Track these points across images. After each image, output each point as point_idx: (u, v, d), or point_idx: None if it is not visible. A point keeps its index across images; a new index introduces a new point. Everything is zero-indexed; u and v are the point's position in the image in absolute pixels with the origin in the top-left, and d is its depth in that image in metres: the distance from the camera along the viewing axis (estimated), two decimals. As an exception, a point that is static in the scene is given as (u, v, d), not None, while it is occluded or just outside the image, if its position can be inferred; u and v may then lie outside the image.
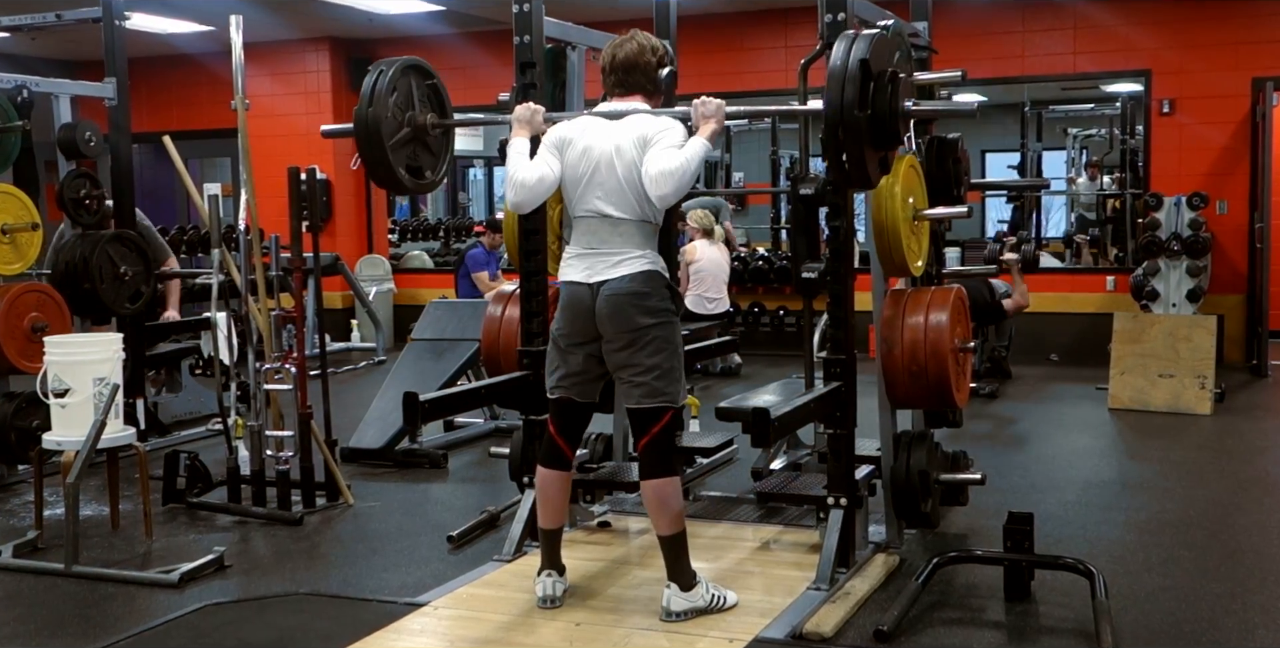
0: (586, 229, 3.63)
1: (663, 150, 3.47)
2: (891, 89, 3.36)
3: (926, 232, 4.40)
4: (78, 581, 4.21)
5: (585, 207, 3.63)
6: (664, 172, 3.42)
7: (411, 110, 4.01)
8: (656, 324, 3.57)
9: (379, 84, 3.88)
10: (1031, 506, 4.39)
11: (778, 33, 9.98)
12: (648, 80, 3.70)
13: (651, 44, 3.73)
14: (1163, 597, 3.94)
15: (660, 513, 3.60)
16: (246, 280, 5.25)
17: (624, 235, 3.59)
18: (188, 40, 10.49)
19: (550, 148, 3.67)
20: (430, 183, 4.13)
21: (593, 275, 3.60)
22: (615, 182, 3.56)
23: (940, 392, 4.18)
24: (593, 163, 3.59)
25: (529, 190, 3.62)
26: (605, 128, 3.62)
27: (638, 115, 3.62)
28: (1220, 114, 9.00)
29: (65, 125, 6.30)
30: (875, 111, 3.34)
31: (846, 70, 3.30)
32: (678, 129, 3.54)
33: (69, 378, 4.54)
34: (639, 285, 3.56)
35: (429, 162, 4.12)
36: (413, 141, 4.02)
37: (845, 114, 3.30)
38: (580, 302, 3.62)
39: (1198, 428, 6.84)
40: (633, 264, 3.57)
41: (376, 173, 3.96)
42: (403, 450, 6.11)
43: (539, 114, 3.78)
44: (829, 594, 3.82)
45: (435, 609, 3.78)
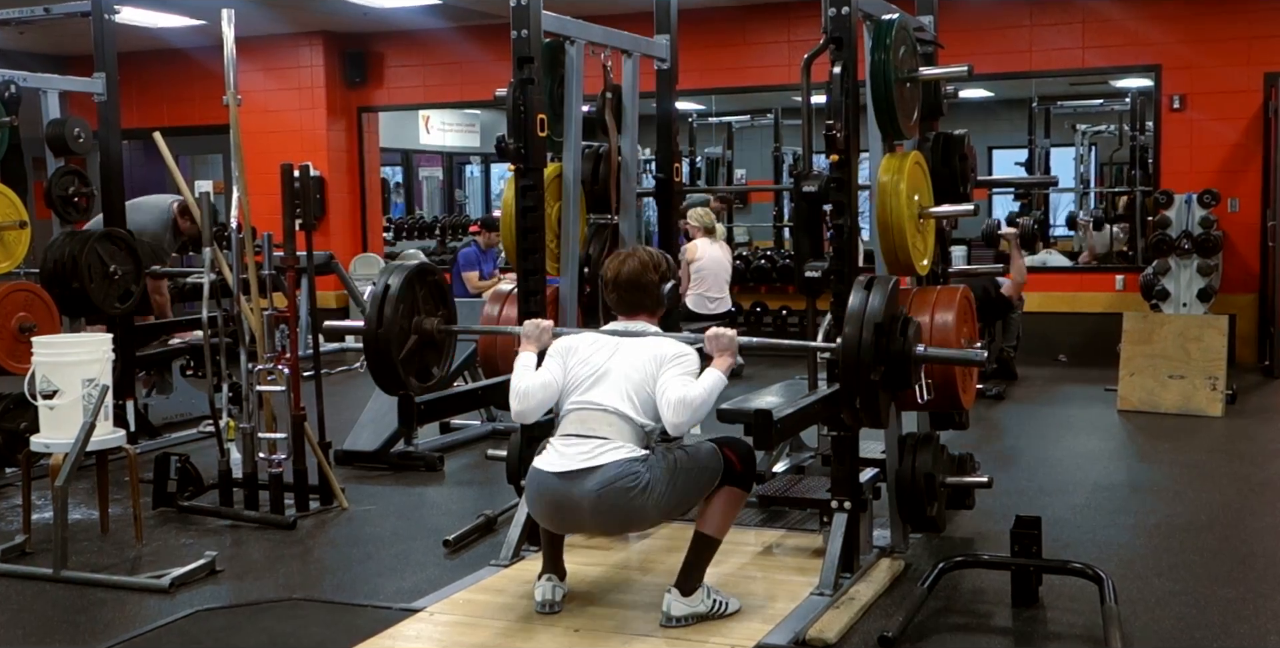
0: (576, 419, 3.58)
1: (680, 377, 3.51)
2: (904, 343, 3.61)
3: (932, 230, 4.41)
4: (66, 586, 4.21)
5: (579, 401, 3.59)
6: (684, 400, 3.44)
7: (417, 316, 4.07)
8: (651, 486, 3.47)
9: (387, 301, 3.96)
10: (1039, 509, 4.39)
11: (780, 27, 9.98)
12: (651, 299, 3.78)
13: (653, 261, 3.79)
14: (1173, 602, 3.94)
15: (718, 515, 3.62)
16: (239, 279, 5.25)
17: (613, 426, 3.53)
18: (179, 35, 10.49)
19: (555, 355, 3.71)
20: (437, 380, 4.20)
21: (569, 465, 3.48)
22: (619, 390, 3.55)
23: (946, 393, 4.18)
24: (598, 370, 3.60)
25: (530, 398, 3.63)
26: (615, 342, 3.67)
27: (652, 338, 3.67)
28: (1232, 110, 9.00)
29: (54, 121, 6.30)
30: (890, 361, 3.59)
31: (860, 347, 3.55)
32: (693, 357, 3.59)
33: (57, 379, 4.54)
34: (625, 471, 3.45)
35: (434, 359, 4.20)
36: (419, 348, 4.09)
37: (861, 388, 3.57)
38: (555, 499, 3.51)
39: (1209, 430, 6.84)
40: (615, 453, 3.47)
41: (384, 384, 4.05)
42: (398, 453, 6.11)
43: (547, 332, 3.83)
44: (832, 600, 3.82)
45: (431, 615, 3.78)
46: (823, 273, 4.09)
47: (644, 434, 3.56)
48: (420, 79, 11.33)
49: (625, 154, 4.90)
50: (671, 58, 5.09)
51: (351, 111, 11.55)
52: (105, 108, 6.43)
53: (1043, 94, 11.80)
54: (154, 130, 6.25)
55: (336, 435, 5.78)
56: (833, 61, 3.94)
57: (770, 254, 10.58)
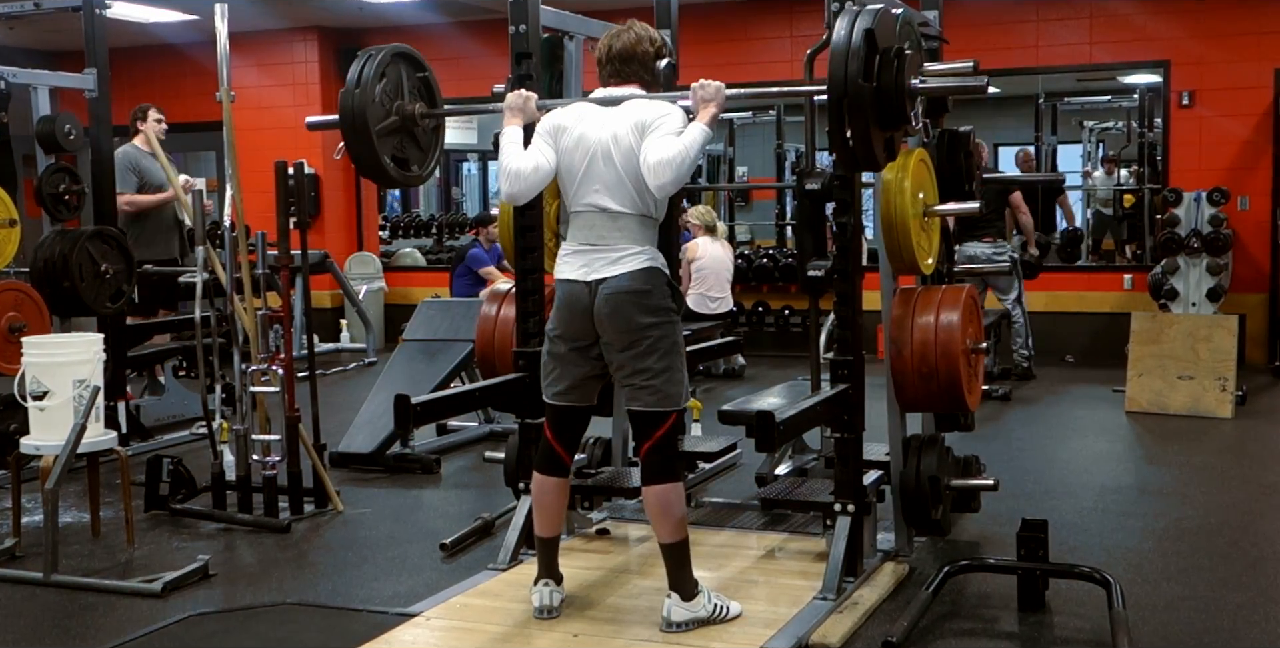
0: (584, 224, 3.62)
1: (661, 138, 3.46)
2: (898, 64, 3.34)
3: (937, 228, 4.41)
4: (57, 590, 4.21)
5: (583, 201, 3.62)
6: (662, 161, 3.42)
7: (400, 100, 4.01)
8: (658, 324, 3.57)
9: (367, 69, 3.89)
10: (1046, 512, 4.40)
11: (783, 22, 9.98)
12: (645, 70, 3.71)
13: (649, 34, 3.74)
14: (1182, 607, 3.94)
15: (662, 520, 3.60)
16: (232, 279, 5.25)
17: (623, 230, 3.57)
18: (171, 30, 10.49)
19: (544, 136, 3.67)
20: (416, 176, 4.13)
21: (590, 273, 3.58)
22: (614, 173, 3.55)
23: (951, 394, 4.19)
24: (589, 153, 3.58)
25: (524, 180, 3.62)
26: (601, 115, 3.62)
27: (634, 101, 3.62)
28: (1242, 106, 9.00)
29: (44, 118, 6.31)
30: (881, 86, 3.32)
31: (850, 42, 3.28)
32: (677, 115, 3.54)
33: (48, 380, 4.54)
34: (639, 283, 3.55)
35: (416, 155, 4.13)
36: (400, 131, 4.02)
37: (849, 87, 3.27)
38: (577, 301, 3.61)
39: (1218, 432, 6.84)
40: (632, 261, 3.56)
41: (361, 161, 3.95)
42: (394, 455, 6.11)
43: (531, 101, 3.79)
44: (836, 604, 3.82)
45: (428, 620, 3.78)
46: (826, 272, 4.10)
47: (651, 220, 3.60)
48: (416, 75, 11.32)
49: (625, 151, 4.89)
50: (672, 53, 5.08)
51: (347, 108, 11.54)
52: (96, 104, 6.43)
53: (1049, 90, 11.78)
54: (146, 127, 6.27)
55: (331, 437, 5.78)
56: (836, 57, 3.93)
57: (772, 253, 10.58)
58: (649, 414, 3.61)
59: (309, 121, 4.31)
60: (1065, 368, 9.23)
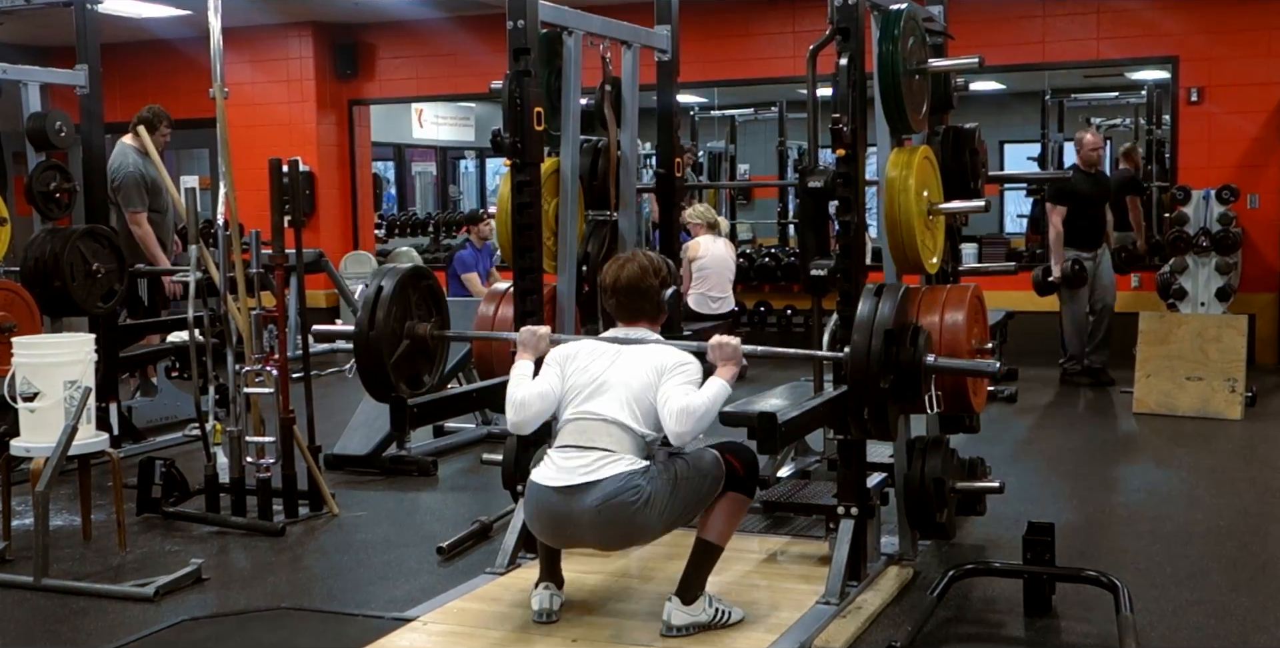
0: (575, 429, 3.58)
1: (683, 386, 3.51)
2: (914, 351, 3.62)
3: (942, 227, 4.41)
4: (48, 594, 4.21)
5: (578, 410, 3.59)
6: (686, 409, 3.44)
7: (410, 320, 4.06)
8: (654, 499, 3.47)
9: (379, 304, 3.95)
10: (1052, 515, 4.39)
11: (785, 18, 9.98)
12: (651, 305, 3.77)
13: (653, 265, 3.79)
14: (1191, 611, 3.94)
15: (720, 521, 3.62)
16: (225, 278, 5.25)
17: (613, 436, 3.52)
18: (164, 25, 10.48)
19: (553, 364, 3.71)
20: (427, 388, 4.18)
21: (570, 479, 3.48)
22: (618, 400, 3.55)
23: (956, 395, 4.18)
24: (597, 380, 3.60)
25: (528, 408, 3.63)
26: (614, 352, 3.67)
27: (653, 346, 3.67)
28: (1251, 103, 8.99)
29: (35, 115, 6.31)
30: (899, 372, 3.62)
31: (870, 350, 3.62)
32: (695, 366, 3.60)
33: (38, 381, 4.54)
34: (626, 484, 3.45)
35: (426, 367, 4.18)
36: (411, 353, 4.07)
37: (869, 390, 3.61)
38: (554, 514, 3.53)
39: (1227, 433, 6.84)
40: (615, 466, 3.47)
41: (374, 389, 4.01)
42: (390, 457, 6.12)
43: (544, 340, 3.84)
44: (839, 609, 3.82)
45: (425, 625, 3.78)
46: (829, 271, 4.09)
47: (644, 445, 3.56)
48: (413, 71, 11.34)
49: (625, 149, 4.90)
50: (673, 49, 5.09)
51: (342, 105, 11.55)
52: (88, 100, 6.42)
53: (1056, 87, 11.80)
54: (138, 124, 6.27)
55: (326, 439, 5.78)
56: (839, 53, 3.94)
57: (775, 252, 10.58)
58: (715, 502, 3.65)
59: (316, 331, 4.35)
60: (1072, 369, 9.21)
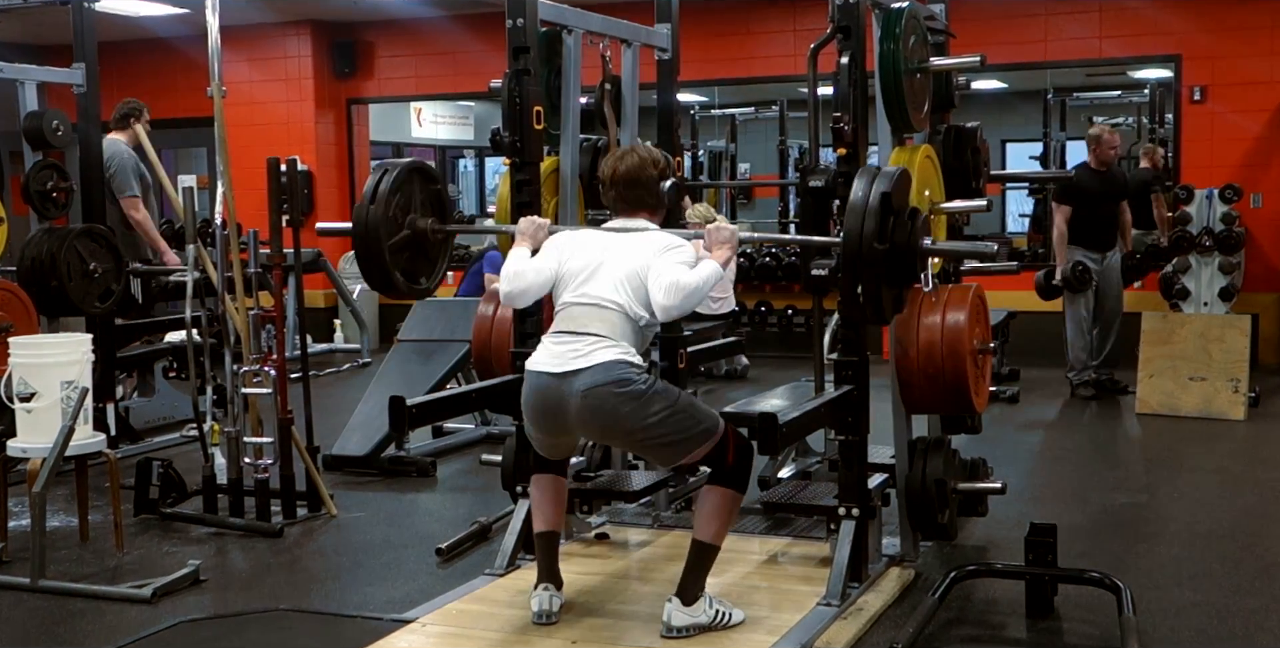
0: (567, 315, 3.61)
1: (677, 264, 3.52)
2: (911, 227, 3.52)
3: (943, 226, 4.41)
4: (45, 596, 4.21)
5: (572, 295, 3.62)
6: (677, 284, 3.46)
7: (412, 214, 4.06)
8: (646, 401, 3.48)
9: (382, 184, 3.95)
10: (1054, 516, 4.39)
11: (786, 16, 9.98)
12: (651, 195, 3.77)
13: (653, 157, 3.80)
14: (1193, 613, 3.94)
15: (711, 520, 3.61)
16: (223, 278, 5.25)
17: (605, 321, 3.54)
18: (161, 23, 10.49)
19: (550, 248, 3.74)
20: (423, 289, 4.19)
21: (562, 364, 3.52)
22: (612, 282, 3.57)
23: (958, 396, 4.19)
24: (593, 264, 3.62)
25: (521, 279, 3.66)
26: (612, 238, 3.69)
27: (650, 232, 3.69)
28: (1255, 102, 8.99)
29: (31, 114, 6.31)
30: (894, 249, 3.51)
31: (866, 207, 3.48)
32: (690, 249, 3.62)
33: (35, 381, 4.54)
34: (617, 373, 3.47)
35: (425, 268, 4.18)
36: (410, 246, 4.08)
37: (864, 253, 3.48)
38: (548, 397, 3.56)
39: (1230, 434, 6.84)
40: (607, 352, 3.50)
41: (371, 274, 4.01)
42: (389, 458, 6.11)
43: (543, 229, 3.85)
44: (840, 611, 3.82)
45: (423, 626, 3.78)
46: (830, 271, 4.09)
47: (638, 329, 3.58)
48: (412, 70, 11.34)
49: (625, 147, 4.90)
50: (673, 48, 5.09)
51: (340, 103, 11.55)
52: (85, 99, 6.42)
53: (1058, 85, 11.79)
54: (135, 123, 6.27)
55: (325, 440, 5.78)
56: (840, 51, 3.94)
57: (775, 251, 10.57)
58: (692, 462, 3.63)
59: (320, 228, 4.36)
60: (1074, 369, 9.21)
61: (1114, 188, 8.03)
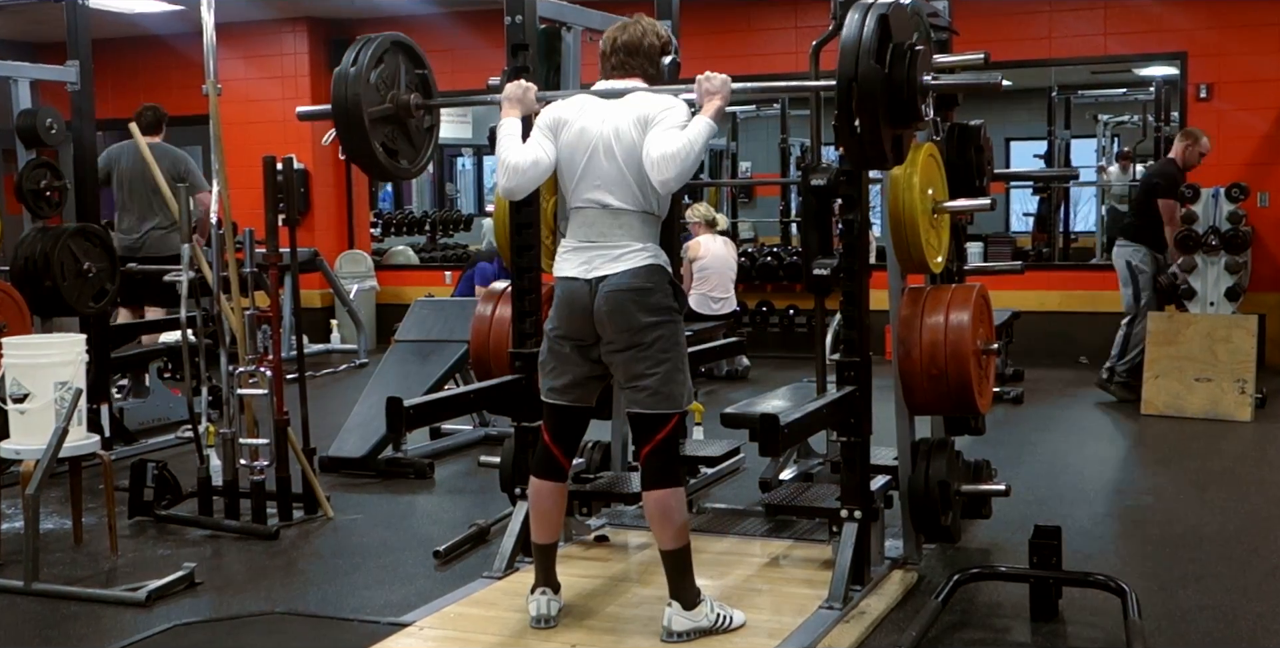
0: (584, 220, 3.63)
1: (664, 132, 3.47)
2: (910, 58, 3.34)
3: (947, 225, 4.41)
4: (38, 599, 4.21)
5: (583, 196, 3.63)
6: (665, 155, 3.42)
7: (395, 89, 4.03)
8: (659, 323, 3.57)
9: (363, 54, 3.92)
10: (1059, 519, 4.39)
11: (787, 13, 9.99)
12: (650, 63, 3.73)
13: (656, 30, 3.77)
14: (1200, 616, 3.94)
15: (663, 526, 3.60)
16: (219, 278, 5.25)
17: (625, 227, 3.58)
18: (156, 20, 10.49)
19: (544, 129, 3.68)
20: (406, 170, 4.15)
21: (590, 270, 3.59)
22: (615, 168, 3.56)
23: (961, 397, 4.19)
24: (589, 147, 3.59)
25: (522, 175, 3.63)
26: (603, 108, 3.63)
27: (637, 94, 3.63)
28: (1261, 99, 8.99)
29: (25, 112, 6.31)
30: (892, 77, 3.32)
31: (863, 30, 3.28)
32: (680, 108, 3.55)
33: (28, 382, 4.53)
34: (641, 281, 3.56)
35: (407, 149, 4.14)
36: (393, 121, 4.04)
37: (860, 74, 3.27)
38: (577, 299, 3.62)
39: (1237, 436, 6.84)
40: (634, 258, 3.57)
41: (350, 146, 3.96)
42: (386, 460, 6.11)
43: (530, 92, 3.81)
44: (842, 614, 3.82)
45: (421, 630, 3.78)
46: (832, 271, 4.10)
47: (656, 220, 3.62)
48: (409, 67, 11.32)
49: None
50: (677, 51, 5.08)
51: (337, 101, 11.53)
52: (79, 97, 6.42)
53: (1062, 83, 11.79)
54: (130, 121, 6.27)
55: (321, 441, 5.78)
56: (842, 48, 3.93)
57: (777, 251, 10.58)
58: (649, 417, 3.61)
59: (300, 111, 4.31)
60: (1079, 369, 9.22)
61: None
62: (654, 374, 3.57)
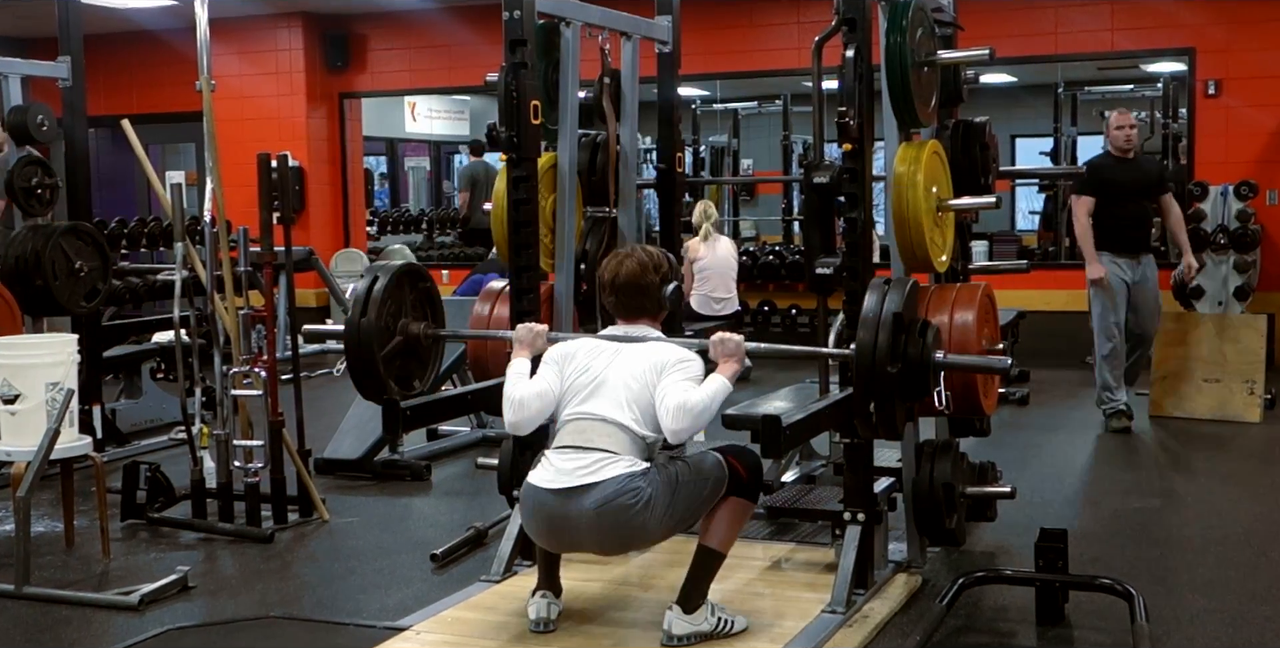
0: (574, 429, 3.59)
1: (682, 382, 3.51)
2: (923, 344, 3.57)
3: (951, 224, 4.41)
4: (29, 603, 4.21)
5: (577, 410, 3.60)
6: (684, 405, 3.45)
7: (404, 319, 4.07)
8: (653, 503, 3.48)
9: (373, 293, 3.95)
10: (1065, 521, 4.39)
11: (789, 9, 9.98)
12: (652, 302, 3.77)
13: (654, 261, 3.78)
14: (1208, 620, 3.95)
15: (722, 527, 3.61)
16: (212, 277, 5.25)
17: (613, 438, 3.53)
18: (149, 16, 10.50)
19: (551, 363, 3.71)
20: (418, 393, 4.17)
21: (570, 480, 3.48)
22: (620, 397, 3.56)
23: (966, 397, 4.18)
24: (595, 379, 3.61)
25: (527, 408, 3.64)
26: (614, 350, 3.67)
27: (654, 343, 3.67)
28: (1270, 96, 8.99)
29: (15, 108, 6.30)
30: (907, 364, 3.54)
31: (880, 319, 3.54)
32: (697, 363, 3.60)
33: (19, 383, 4.54)
34: (626, 485, 3.45)
35: (418, 372, 4.17)
36: (403, 352, 4.07)
37: (877, 378, 3.52)
38: (552, 518, 3.53)
39: (1246, 437, 6.85)
40: (615, 467, 3.48)
41: (364, 385, 4.00)
42: (382, 462, 6.11)
43: (541, 337, 3.85)
44: (845, 618, 3.82)
45: (418, 634, 3.79)
46: (835, 270, 4.10)
47: (645, 446, 3.57)
48: (406, 63, 11.33)
49: (624, 143, 4.90)
50: (674, 40, 5.09)
51: (333, 98, 11.56)
52: (70, 94, 6.43)
53: (1069, 79, 11.80)
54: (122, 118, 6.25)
55: (317, 443, 5.78)
56: (845, 44, 3.94)
57: (779, 250, 10.58)
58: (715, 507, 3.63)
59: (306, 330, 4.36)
60: (1086, 370, 9.20)
61: (1142, 179, 7.04)
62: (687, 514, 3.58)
